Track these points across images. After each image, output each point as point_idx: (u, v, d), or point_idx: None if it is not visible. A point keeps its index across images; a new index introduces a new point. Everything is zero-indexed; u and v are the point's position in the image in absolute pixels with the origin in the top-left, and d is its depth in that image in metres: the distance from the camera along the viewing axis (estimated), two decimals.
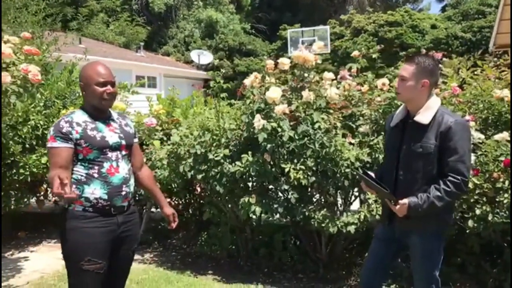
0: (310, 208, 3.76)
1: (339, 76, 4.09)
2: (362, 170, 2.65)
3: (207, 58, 20.21)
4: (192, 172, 4.00)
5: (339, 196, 3.99)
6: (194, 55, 20.25)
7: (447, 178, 2.37)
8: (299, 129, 3.68)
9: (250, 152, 3.78)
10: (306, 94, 3.76)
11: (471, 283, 3.77)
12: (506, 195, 3.24)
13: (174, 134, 4.28)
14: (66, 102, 5.14)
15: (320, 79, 3.99)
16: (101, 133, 2.39)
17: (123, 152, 2.47)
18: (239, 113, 4.13)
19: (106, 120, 2.47)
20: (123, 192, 2.41)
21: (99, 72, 2.38)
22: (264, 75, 3.99)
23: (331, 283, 4.00)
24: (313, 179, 3.65)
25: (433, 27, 20.37)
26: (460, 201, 3.35)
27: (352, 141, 3.77)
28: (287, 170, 3.65)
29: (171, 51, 23.17)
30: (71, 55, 6.35)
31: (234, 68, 20.27)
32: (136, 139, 2.66)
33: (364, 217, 3.62)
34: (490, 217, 3.25)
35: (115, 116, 2.54)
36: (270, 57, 4.52)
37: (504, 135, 3.38)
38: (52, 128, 2.36)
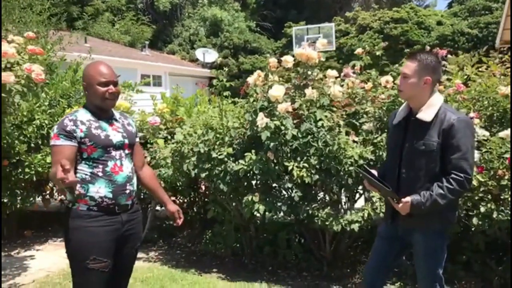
0: (314, 206, 3.75)
1: (343, 73, 4.07)
2: (364, 168, 2.64)
3: (212, 56, 20.24)
4: (196, 170, 4.00)
5: (343, 194, 3.98)
6: (199, 53, 20.31)
7: (450, 176, 2.35)
8: (303, 127, 3.68)
9: (254, 151, 3.77)
10: (310, 92, 3.74)
11: (477, 281, 3.75)
12: (511, 193, 3.22)
13: (178, 133, 4.28)
14: (71, 101, 5.17)
15: (324, 76, 3.98)
16: (105, 132, 2.41)
17: (126, 151, 2.48)
18: (243, 111, 4.13)
19: (109, 119, 2.48)
20: (127, 191, 2.43)
21: (101, 72, 2.39)
22: (267, 73, 3.99)
23: (336, 281, 4.00)
24: (316, 177, 3.64)
25: (439, 23, 20.28)
26: (465, 198, 3.33)
27: (356, 139, 3.76)
28: (291, 168, 3.64)
29: (176, 50, 23.25)
30: (76, 54, 6.38)
31: (239, 66, 20.29)
32: (138, 139, 2.68)
33: (368, 215, 3.61)
34: (495, 214, 3.23)
35: (117, 116, 2.55)
36: (275, 54, 4.50)
37: (509, 132, 3.35)
38: (56, 126, 2.37)
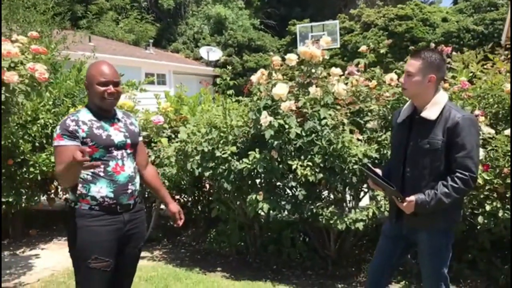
0: (318, 205, 3.74)
1: (347, 71, 4.05)
2: (367, 167, 2.62)
3: (216, 54, 20.21)
4: (199, 169, 4.00)
5: (347, 192, 3.97)
6: (203, 51, 20.27)
7: (455, 175, 2.33)
8: (306, 125, 3.66)
9: (257, 149, 3.77)
10: (313, 90, 3.72)
11: (482, 279, 3.73)
12: (511, 191, 3.19)
13: (181, 132, 4.27)
14: (75, 101, 5.18)
15: (328, 74, 3.95)
16: (106, 131, 2.40)
17: (128, 151, 2.48)
18: (246, 110, 4.12)
19: (111, 119, 2.48)
20: (129, 190, 2.42)
21: (102, 71, 2.38)
22: (271, 71, 3.97)
23: (340, 279, 3.99)
24: (320, 175, 3.63)
25: (444, 20, 20.13)
26: (470, 197, 3.31)
27: (360, 137, 3.74)
28: (295, 167, 3.63)
29: (180, 48, 23.24)
30: (80, 53, 6.39)
31: (244, 64, 20.25)
32: (141, 138, 2.67)
33: (372, 213, 3.60)
34: (501, 213, 3.21)
35: (120, 115, 2.55)
36: (280, 52, 4.47)
37: None
38: (58, 127, 2.37)
